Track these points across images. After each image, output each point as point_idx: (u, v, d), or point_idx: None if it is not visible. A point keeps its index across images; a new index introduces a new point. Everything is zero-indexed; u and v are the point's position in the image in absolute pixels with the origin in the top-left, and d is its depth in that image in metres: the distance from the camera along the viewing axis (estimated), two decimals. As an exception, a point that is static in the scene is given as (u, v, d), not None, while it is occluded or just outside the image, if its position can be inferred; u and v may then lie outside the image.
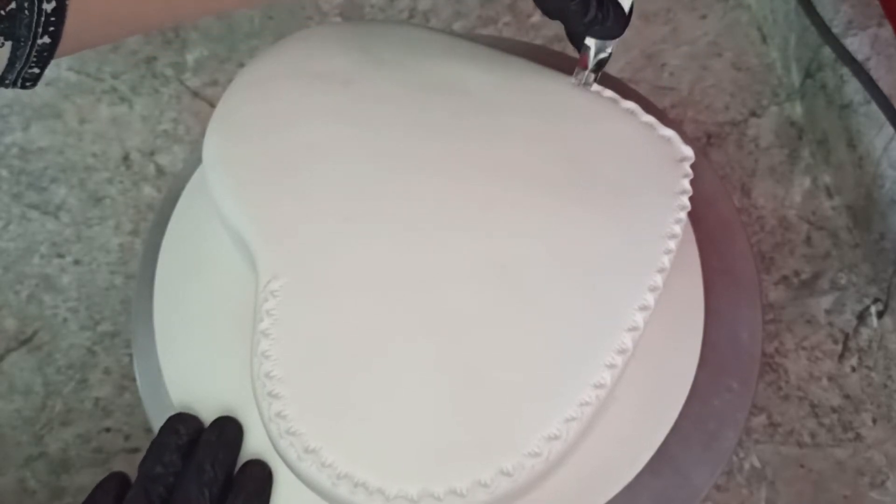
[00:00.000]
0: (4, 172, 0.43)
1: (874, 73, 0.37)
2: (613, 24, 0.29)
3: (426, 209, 0.28)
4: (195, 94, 0.44)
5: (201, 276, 0.32)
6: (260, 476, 0.27)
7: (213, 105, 0.44)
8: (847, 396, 0.37)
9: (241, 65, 0.44)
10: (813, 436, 0.36)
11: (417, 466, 0.24)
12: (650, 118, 0.31)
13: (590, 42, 0.30)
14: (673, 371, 0.30)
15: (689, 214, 0.29)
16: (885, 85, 0.36)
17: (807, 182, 0.41)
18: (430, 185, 0.29)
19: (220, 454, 0.27)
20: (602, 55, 0.30)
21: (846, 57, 0.37)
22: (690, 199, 0.29)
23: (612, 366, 0.25)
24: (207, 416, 0.29)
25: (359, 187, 0.29)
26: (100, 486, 0.27)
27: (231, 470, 0.27)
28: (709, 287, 0.32)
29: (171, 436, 0.27)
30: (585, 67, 0.31)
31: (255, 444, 0.28)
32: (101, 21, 0.25)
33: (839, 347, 0.38)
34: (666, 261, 0.27)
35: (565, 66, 0.32)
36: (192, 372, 0.30)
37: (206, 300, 0.32)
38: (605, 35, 0.29)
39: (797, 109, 0.43)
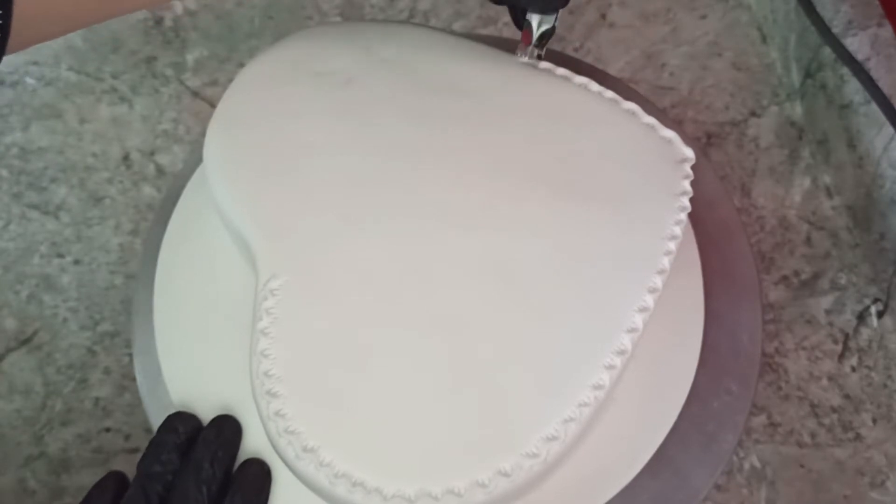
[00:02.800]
0: (4, 172, 0.43)
1: (874, 73, 0.37)
2: None
3: (427, 208, 0.28)
4: (195, 94, 0.44)
5: (201, 275, 0.33)
6: (258, 474, 0.27)
7: (213, 105, 0.44)
8: (847, 396, 0.37)
9: (241, 65, 0.44)
10: (813, 436, 0.36)
11: (415, 466, 0.24)
12: (651, 119, 0.31)
13: (531, 17, 0.30)
14: (672, 373, 0.30)
15: (690, 215, 0.29)
16: (885, 85, 0.36)
17: (807, 182, 0.41)
18: (430, 185, 0.29)
19: (218, 452, 0.27)
20: (545, 27, 0.30)
21: (846, 57, 0.37)
22: (691, 200, 0.29)
23: (610, 367, 0.25)
24: (207, 414, 0.29)
25: (359, 186, 0.29)
26: (97, 486, 0.27)
27: (230, 468, 0.27)
28: (709, 289, 0.32)
29: (170, 434, 0.27)
30: (529, 43, 0.31)
31: (253, 443, 0.28)
32: (47, 14, 0.25)
33: (839, 347, 0.38)
34: (666, 262, 0.27)
35: (564, 65, 0.32)
36: (192, 370, 0.31)
37: (206, 299, 0.32)
38: (546, 9, 0.30)
39: (797, 109, 0.43)
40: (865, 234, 0.39)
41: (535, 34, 0.31)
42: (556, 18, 0.30)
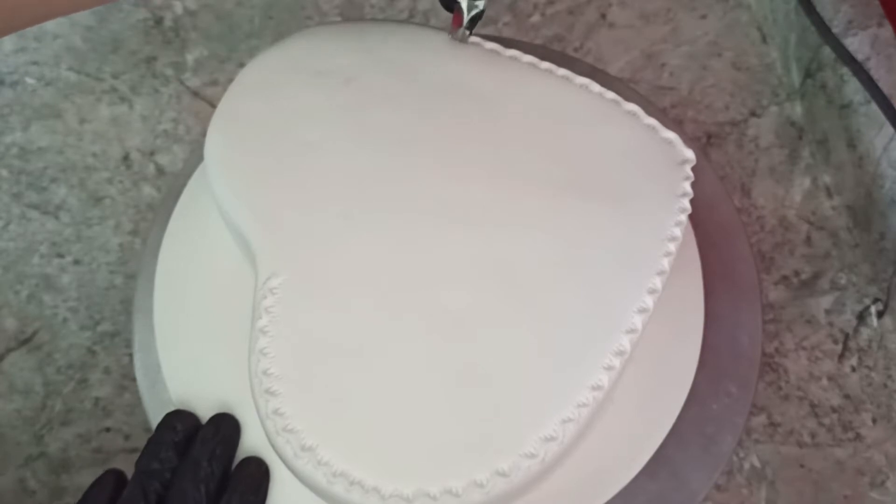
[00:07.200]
0: (4, 172, 0.43)
1: (874, 73, 0.37)
2: None
3: (427, 207, 0.28)
4: (195, 94, 0.44)
5: (201, 274, 0.33)
6: (257, 473, 0.27)
7: (213, 105, 0.44)
8: (847, 396, 0.37)
9: (241, 65, 0.44)
10: (813, 436, 0.36)
11: (413, 466, 0.24)
12: (652, 120, 0.31)
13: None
14: (672, 374, 0.30)
15: (690, 217, 0.29)
16: (885, 85, 0.36)
17: (807, 182, 0.41)
18: (430, 184, 0.29)
19: (217, 450, 0.27)
20: (474, 10, 0.31)
21: (846, 57, 0.37)
22: (691, 201, 0.29)
23: (609, 368, 0.25)
24: (206, 412, 0.29)
25: (359, 185, 0.29)
26: (96, 484, 0.27)
27: (228, 466, 0.27)
28: (709, 290, 0.32)
29: (168, 432, 0.27)
30: (460, 25, 0.32)
31: (252, 441, 0.28)
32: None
33: (839, 347, 0.38)
34: (666, 263, 0.27)
35: (564, 65, 0.32)
36: (192, 369, 0.31)
37: (206, 297, 0.32)
38: None
39: (797, 109, 0.43)
40: (865, 234, 0.39)
41: (466, 16, 0.31)
42: (486, 1, 0.31)
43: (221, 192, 0.29)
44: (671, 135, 0.30)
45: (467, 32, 0.32)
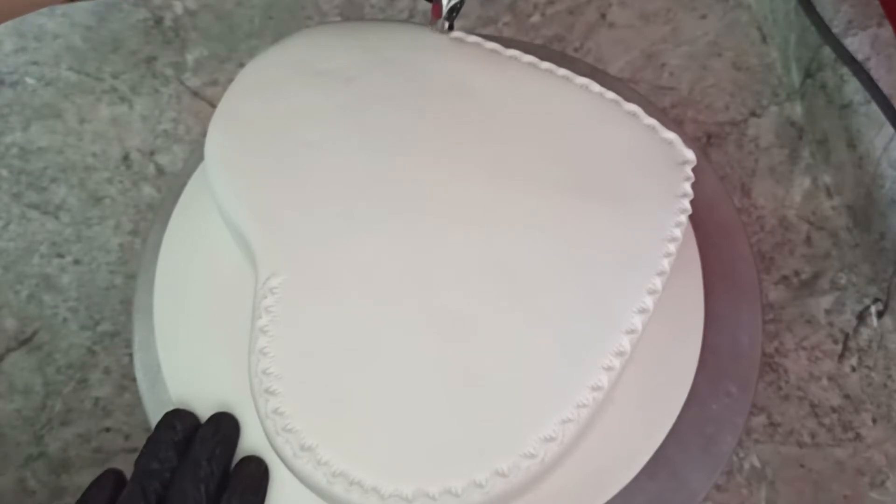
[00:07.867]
0: (4, 172, 0.43)
1: (874, 73, 0.37)
2: None
3: (427, 207, 0.28)
4: (195, 94, 0.44)
5: (201, 274, 0.33)
6: (256, 472, 0.27)
7: (213, 105, 0.44)
8: (847, 396, 0.37)
9: (241, 65, 0.44)
10: (813, 436, 0.36)
11: (413, 466, 0.24)
12: (652, 121, 0.31)
13: None
14: (672, 374, 0.30)
15: (690, 217, 0.29)
16: (885, 85, 0.36)
17: (807, 182, 0.41)
18: (430, 184, 0.29)
19: (216, 450, 0.27)
20: (454, 1, 0.32)
21: (846, 57, 0.37)
22: (691, 201, 0.29)
23: (609, 368, 0.25)
24: (206, 412, 0.29)
25: (360, 185, 0.29)
26: (95, 483, 0.27)
27: (227, 466, 0.27)
28: (709, 290, 0.32)
29: (167, 431, 0.27)
30: (440, 16, 0.32)
31: (252, 441, 0.28)
32: None
33: (839, 347, 0.38)
34: (666, 264, 0.27)
35: (564, 65, 0.32)
36: (192, 368, 0.31)
37: (206, 297, 0.32)
38: None
39: (797, 109, 0.43)
40: (865, 234, 0.39)
41: (445, 7, 0.32)
42: None
43: (221, 192, 0.29)
44: (671, 135, 0.30)
45: (446, 24, 0.32)
